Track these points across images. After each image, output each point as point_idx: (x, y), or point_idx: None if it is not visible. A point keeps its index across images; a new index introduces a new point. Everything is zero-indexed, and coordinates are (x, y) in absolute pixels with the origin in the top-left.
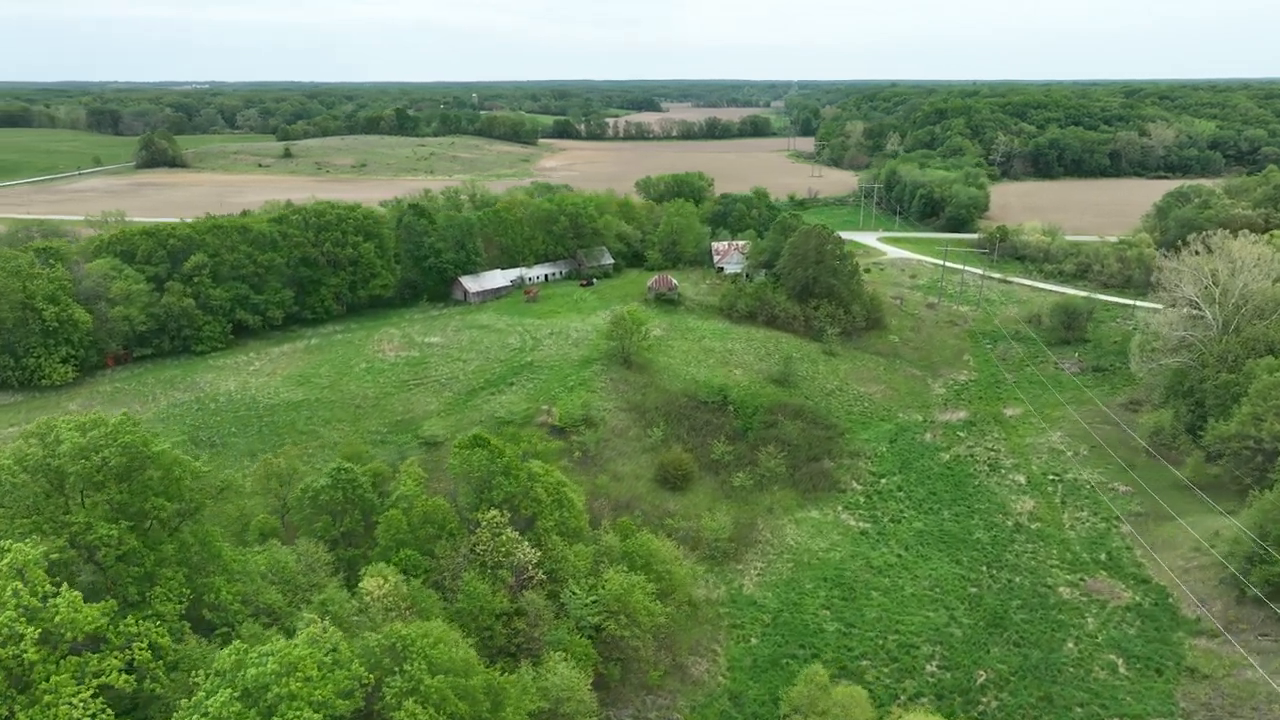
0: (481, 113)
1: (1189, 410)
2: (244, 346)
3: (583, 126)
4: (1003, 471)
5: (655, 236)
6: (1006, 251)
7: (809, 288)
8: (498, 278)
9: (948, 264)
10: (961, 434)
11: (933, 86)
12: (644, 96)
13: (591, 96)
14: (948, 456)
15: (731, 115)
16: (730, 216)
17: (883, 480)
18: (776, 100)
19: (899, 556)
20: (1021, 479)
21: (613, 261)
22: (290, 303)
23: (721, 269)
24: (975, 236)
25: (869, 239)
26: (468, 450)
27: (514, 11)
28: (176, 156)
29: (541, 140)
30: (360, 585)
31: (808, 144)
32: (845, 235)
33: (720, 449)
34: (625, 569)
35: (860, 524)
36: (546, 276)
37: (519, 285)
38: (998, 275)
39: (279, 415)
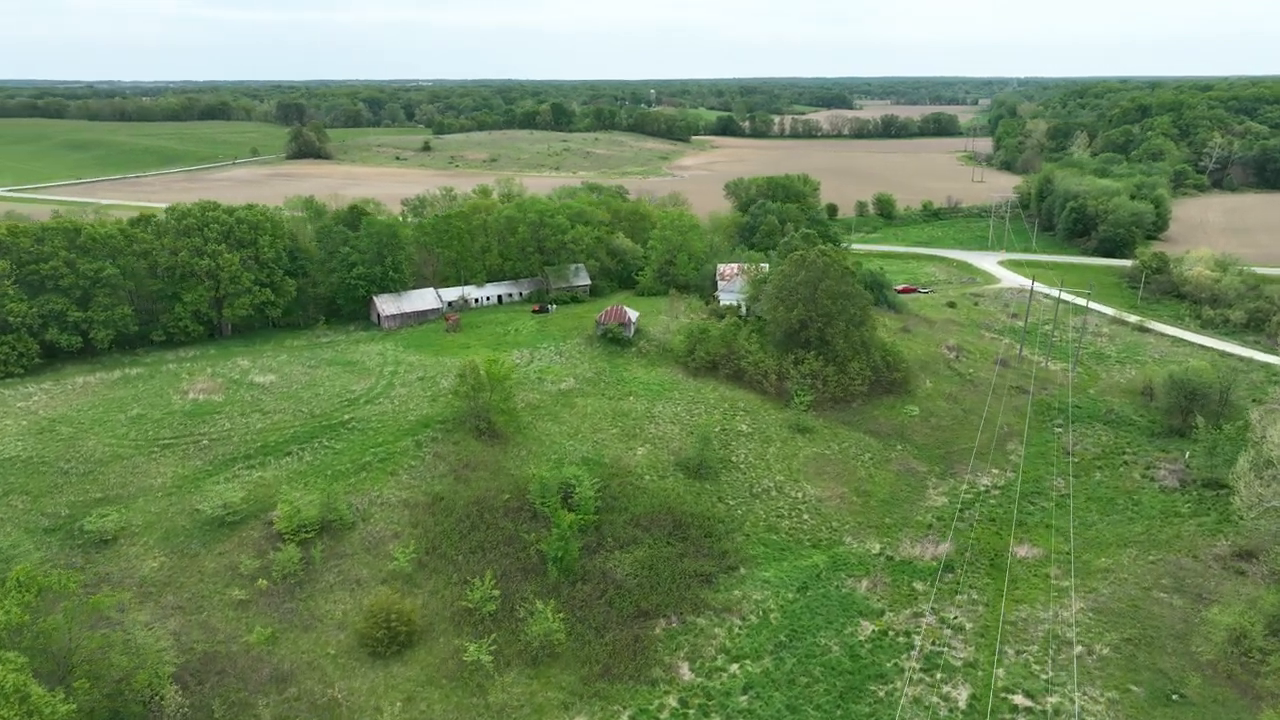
0: (652, 108)
1: None
2: (55, 373)
3: (747, 124)
4: (941, 674)
5: (651, 254)
6: (1163, 287)
7: (796, 335)
8: (427, 298)
9: (1071, 299)
10: (919, 586)
11: (1164, 82)
12: (838, 93)
13: (780, 93)
14: (870, 630)
15: (913, 113)
16: (759, 231)
17: (734, 668)
18: (986, 99)
19: None
20: (962, 696)
21: (588, 283)
22: (129, 321)
23: (718, 299)
24: (1130, 264)
25: (987, 261)
26: None
27: (731, 11)
28: (322, 148)
29: (699, 137)
30: None
31: (989, 144)
32: (961, 255)
33: (479, 593)
34: None
35: None
36: (500, 298)
37: (459, 308)
38: (1133, 319)
39: None
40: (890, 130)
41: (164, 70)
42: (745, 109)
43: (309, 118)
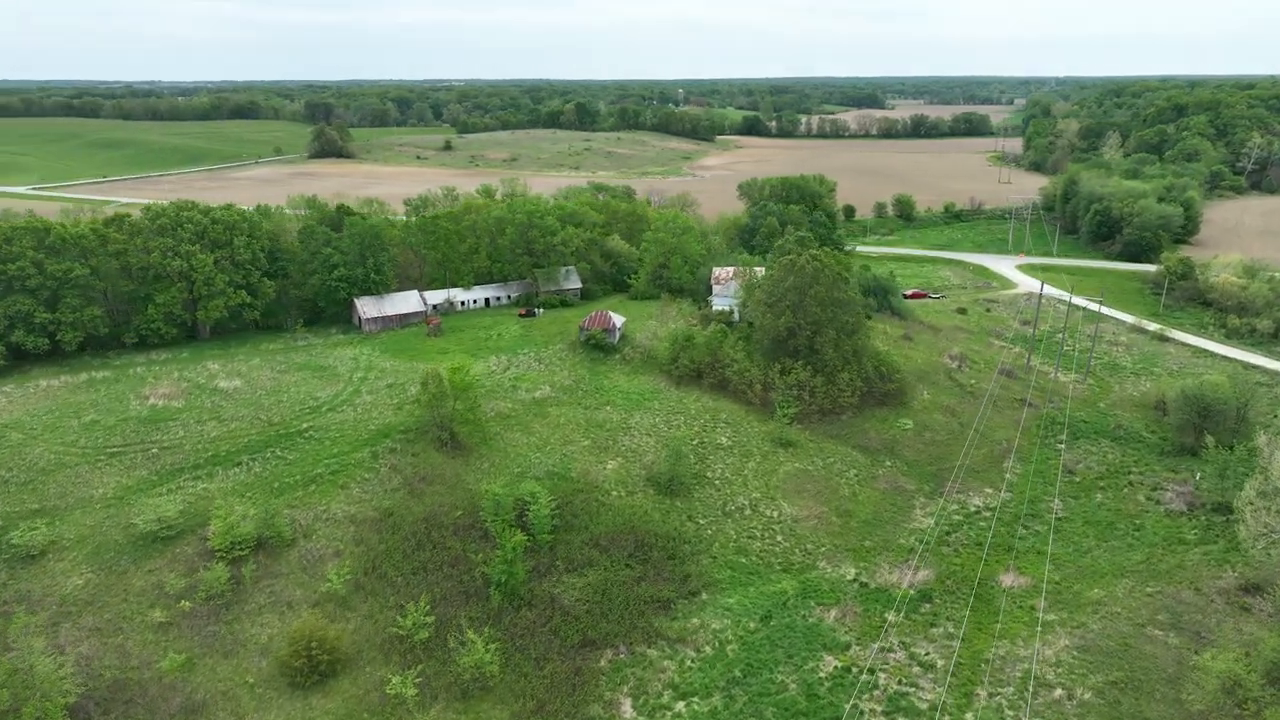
0: (679, 108)
1: None
2: (20, 375)
3: (773, 124)
4: (903, 718)
5: (645, 256)
6: (1188, 294)
7: (783, 343)
8: (411, 300)
9: (1087, 306)
10: (892, 618)
11: (1207, 81)
12: (870, 93)
13: (811, 92)
14: (832, 666)
15: (944, 112)
16: (759, 233)
17: (680, 706)
18: (1022, 99)
19: None
20: None
21: (579, 286)
22: (99, 323)
23: (710, 304)
24: (1155, 270)
25: (1004, 265)
26: None
27: (770, 8)
28: (344, 148)
29: (725, 137)
30: None
31: (1020, 145)
32: (979, 258)
33: (412, 619)
34: None
35: None
36: (488, 301)
37: (445, 311)
38: (1153, 327)
39: None
40: (919, 130)
41: (203, 70)
42: (772, 108)
43: (336, 117)
